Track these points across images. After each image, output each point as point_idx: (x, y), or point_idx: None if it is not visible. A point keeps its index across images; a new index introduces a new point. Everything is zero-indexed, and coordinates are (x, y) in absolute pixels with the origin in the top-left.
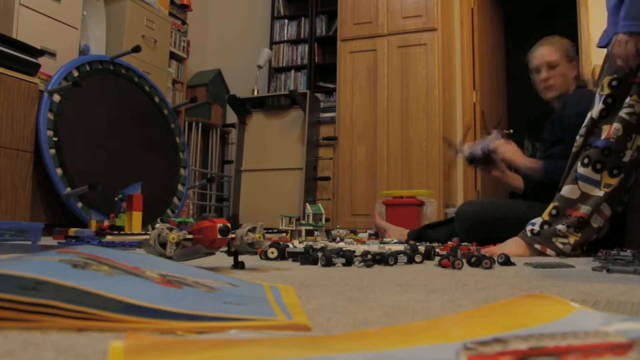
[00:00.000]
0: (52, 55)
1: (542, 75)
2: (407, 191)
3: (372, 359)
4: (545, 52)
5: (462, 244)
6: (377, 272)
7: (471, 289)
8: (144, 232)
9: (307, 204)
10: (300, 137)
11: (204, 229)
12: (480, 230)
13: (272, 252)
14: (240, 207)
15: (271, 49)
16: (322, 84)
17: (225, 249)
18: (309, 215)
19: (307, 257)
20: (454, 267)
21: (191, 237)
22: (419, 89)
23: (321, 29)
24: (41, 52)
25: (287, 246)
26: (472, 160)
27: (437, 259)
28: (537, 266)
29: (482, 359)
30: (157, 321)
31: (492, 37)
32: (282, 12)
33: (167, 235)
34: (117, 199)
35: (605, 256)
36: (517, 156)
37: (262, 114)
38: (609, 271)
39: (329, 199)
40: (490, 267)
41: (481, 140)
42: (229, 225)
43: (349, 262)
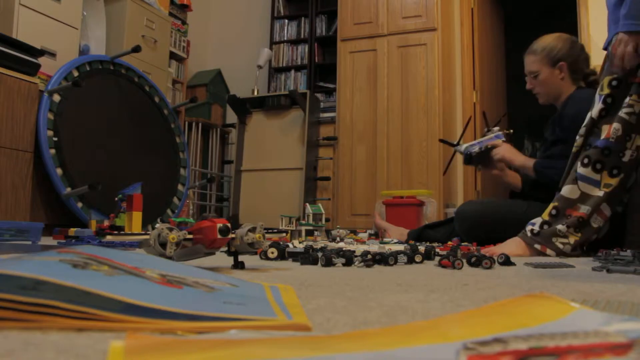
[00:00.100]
0: (52, 55)
1: (527, 84)
2: (407, 191)
3: (372, 359)
4: (526, 61)
5: (462, 244)
6: (377, 272)
7: (471, 289)
8: (144, 232)
9: (307, 204)
10: (300, 137)
11: (204, 229)
12: (480, 230)
13: (272, 252)
14: (240, 207)
15: (271, 49)
16: (322, 84)
17: (225, 249)
18: (309, 215)
19: (307, 257)
20: (454, 267)
21: (191, 237)
22: (419, 89)
23: (321, 29)
24: (41, 52)
25: (287, 246)
26: (469, 159)
27: (437, 259)
28: (537, 266)
29: (482, 359)
30: (157, 321)
31: (492, 37)
32: (282, 12)
33: (167, 235)
34: (117, 199)
35: (605, 256)
36: (514, 156)
37: (262, 114)
38: (609, 271)
39: (329, 199)
40: (490, 267)
41: (480, 138)
42: (229, 225)
43: (349, 262)
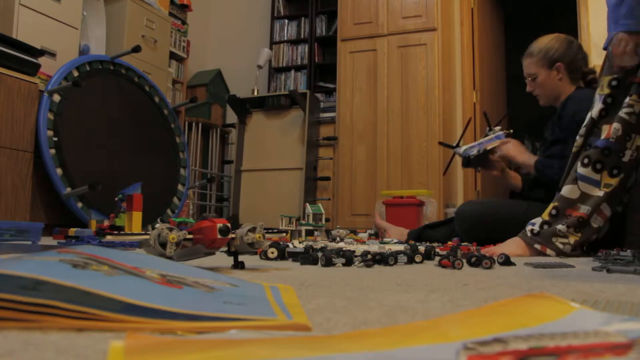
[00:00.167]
0: (52, 55)
1: (527, 87)
2: (407, 191)
3: (372, 359)
4: (524, 64)
5: (462, 244)
6: (377, 272)
7: (471, 289)
8: (144, 232)
9: (307, 204)
10: (300, 137)
11: (204, 229)
12: (480, 230)
13: (272, 252)
14: (240, 207)
15: (271, 49)
16: (322, 84)
17: (225, 249)
18: (309, 215)
19: (307, 257)
20: (454, 267)
21: (191, 237)
22: (419, 89)
23: (321, 29)
24: (41, 52)
25: (287, 246)
26: (467, 162)
27: (437, 259)
28: (537, 266)
29: (482, 359)
30: (157, 321)
31: (492, 37)
32: (282, 12)
33: (167, 235)
34: (117, 199)
35: (605, 256)
36: (519, 153)
37: (262, 114)
38: (609, 271)
39: (329, 199)
40: (490, 267)
41: (480, 140)
42: (229, 225)
43: (349, 262)
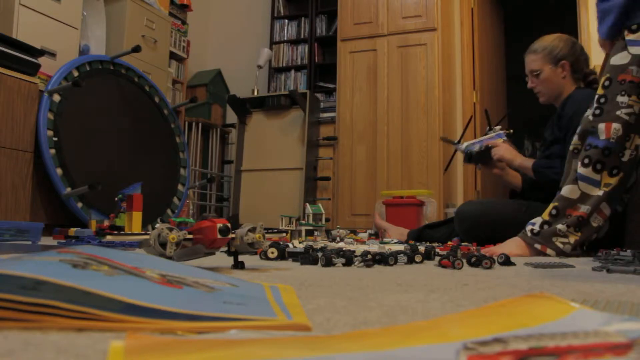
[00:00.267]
0: (52, 55)
1: (528, 83)
2: (407, 191)
3: (372, 359)
4: (528, 60)
5: (462, 244)
6: (377, 272)
7: (471, 289)
8: (144, 232)
9: (307, 204)
10: (300, 137)
11: (204, 229)
12: (480, 230)
13: (272, 252)
14: (240, 207)
15: (271, 49)
16: (322, 84)
17: (225, 249)
18: (309, 215)
19: (307, 257)
20: (454, 267)
21: (191, 237)
22: (419, 89)
23: (321, 29)
24: (41, 52)
25: (287, 246)
26: (469, 157)
27: (437, 259)
28: (537, 266)
29: (482, 359)
30: (157, 321)
31: (492, 37)
32: (282, 12)
33: (167, 235)
34: (117, 199)
35: (605, 256)
36: (513, 156)
37: (262, 114)
38: (609, 271)
39: (329, 199)
40: (490, 267)
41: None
42: (229, 225)
43: (349, 262)
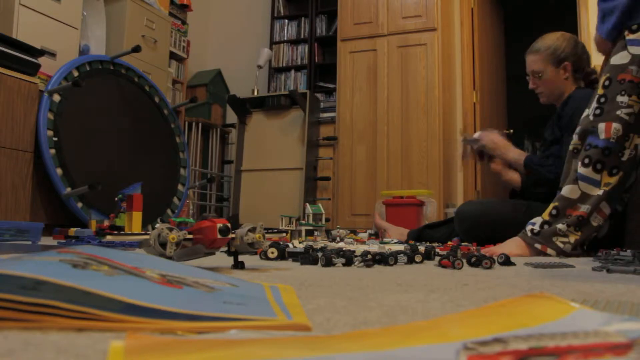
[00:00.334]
0: (52, 55)
1: (530, 83)
2: (407, 191)
3: (372, 359)
4: (529, 61)
5: (462, 244)
6: (377, 272)
7: (471, 289)
8: (144, 232)
9: (307, 204)
10: (300, 137)
11: (204, 229)
12: (480, 230)
13: (272, 252)
14: (240, 207)
15: (271, 49)
16: (322, 84)
17: (225, 249)
18: (309, 215)
19: (307, 257)
20: (454, 267)
21: (191, 237)
22: (419, 89)
23: (321, 29)
24: (41, 52)
25: (287, 246)
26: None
27: (437, 259)
28: (537, 266)
29: (482, 359)
30: (157, 321)
31: (492, 37)
32: (282, 12)
33: (167, 235)
34: (117, 199)
35: (605, 256)
36: (506, 149)
37: (262, 114)
38: (609, 271)
39: (329, 199)
40: (490, 267)
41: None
42: (229, 225)
43: (349, 262)
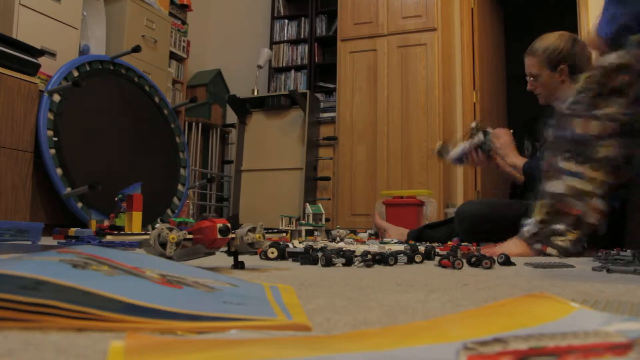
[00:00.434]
0: (52, 55)
1: (528, 85)
2: (407, 191)
3: (372, 359)
4: (527, 63)
5: (462, 244)
6: (377, 272)
7: (471, 289)
8: (144, 232)
9: (307, 204)
10: (300, 137)
11: (204, 229)
12: (480, 230)
13: (272, 252)
14: (240, 207)
15: (271, 49)
16: (322, 84)
17: (225, 249)
18: (309, 215)
19: (307, 257)
20: (454, 267)
21: (191, 237)
22: (419, 89)
23: (321, 29)
24: (41, 52)
25: (287, 246)
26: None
27: (437, 259)
28: (537, 266)
29: (482, 359)
30: (157, 321)
31: (492, 37)
32: (282, 12)
33: (167, 235)
34: (117, 199)
35: (605, 256)
36: (509, 150)
37: (262, 114)
38: (609, 271)
39: (329, 199)
40: (490, 267)
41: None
42: (229, 225)
43: (349, 262)
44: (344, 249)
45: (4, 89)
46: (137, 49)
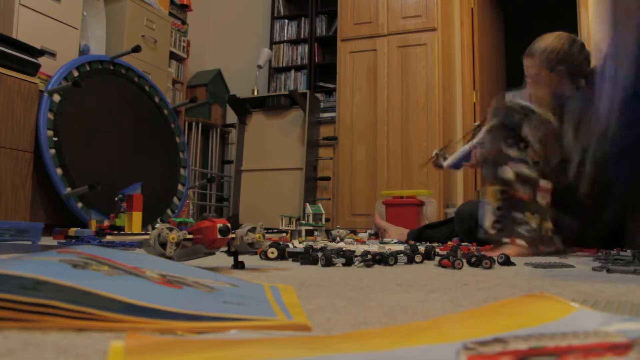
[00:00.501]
0: (52, 55)
1: (527, 86)
2: (407, 191)
3: (372, 359)
4: (525, 64)
5: (462, 244)
6: (377, 272)
7: (471, 289)
8: (144, 232)
9: (307, 204)
10: (300, 137)
11: (204, 229)
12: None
13: (272, 252)
14: (240, 207)
15: (271, 49)
16: (322, 84)
17: (225, 249)
18: (309, 215)
19: (307, 257)
20: (454, 267)
21: (191, 237)
22: (419, 89)
23: (321, 29)
24: (41, 52)
25: (287, 246)
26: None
27: (437, 259)
28: (537, 266)
29: (482, 359)
30: (157, 321)
31: (492, 37)
32: (282, 12)
33: (167, 235)
34: (117, 199)
35: (605, 256)
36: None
37: (262, 114)
38: (609, 271)
39: (329, 199)
40: (490, 267)
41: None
42: (229, 225)
43: (349, 262)
44: (344, 249)
45: (4, 89)
46: (137, 49)
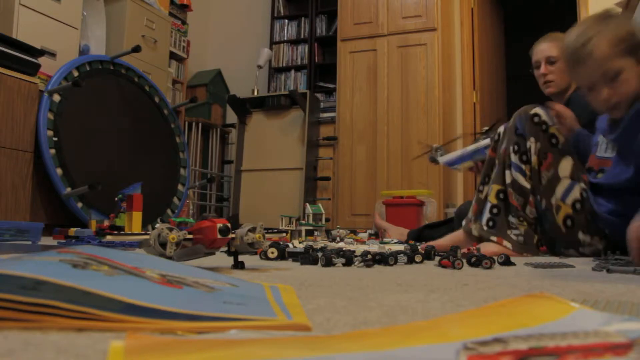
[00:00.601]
0: (52, 55)
1: (541, 69)
2: (407, 191)
3: (372, 359)
4: (545, 47)
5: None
6: (377, 272)
7: (471, 289)
8: (144, 232)
9: (307, 204)
10: (300, 137)
11: (204, 229)
12: None
13: (272, 252)
14: (240, 207)
15: (271, 49)
16: (322, 84)
17: (225, 249)
18: (309, 215)
19: (307, 257)
20: (454, 267)
21: (191, 237)
22: (419, 89)
23: (321, 29)
24: (41, 52)
25: (287, 246)
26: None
27: (437, 259)
28: (537, 266)
29: (482, 359)
30: (157, 321)
31: (492, 37)
32: (282, 12)
33: (167, 235)
34: (117, 199)
35: (605, 256)
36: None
37: (262, 114)
38: (609, 271)
39: (329, 199)
40: (490, 267)
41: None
42: (229, 225)
43: (349, 262)
44: (344, 249)
45: (4, 89)
46: (137, 49)
